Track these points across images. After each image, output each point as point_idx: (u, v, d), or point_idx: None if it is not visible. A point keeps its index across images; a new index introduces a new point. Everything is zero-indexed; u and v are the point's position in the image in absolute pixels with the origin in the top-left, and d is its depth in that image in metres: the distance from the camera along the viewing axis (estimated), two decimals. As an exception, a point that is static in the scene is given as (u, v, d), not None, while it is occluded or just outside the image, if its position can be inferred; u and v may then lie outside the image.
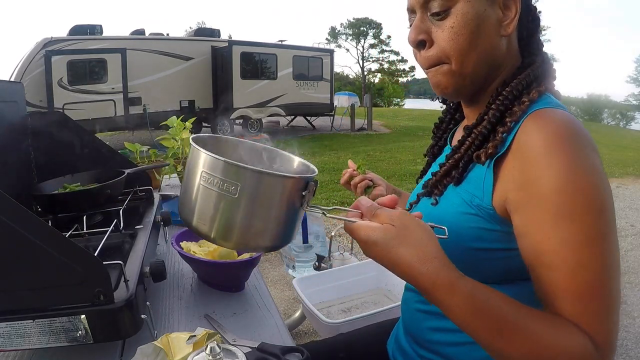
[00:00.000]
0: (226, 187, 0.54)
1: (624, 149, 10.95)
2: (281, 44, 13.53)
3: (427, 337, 0.76)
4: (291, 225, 0.61)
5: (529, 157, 0.58)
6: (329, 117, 14.34)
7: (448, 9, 0.63)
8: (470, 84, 0.68)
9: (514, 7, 0.64)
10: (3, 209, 0.58)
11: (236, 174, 0.54)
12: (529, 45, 0.69)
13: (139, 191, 1.20)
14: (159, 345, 0.60)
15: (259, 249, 0.65)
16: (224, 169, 0.54)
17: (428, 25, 0.66)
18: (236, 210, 0.56)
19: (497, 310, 0.54)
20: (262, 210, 0.57)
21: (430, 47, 0.67)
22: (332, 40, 40.56)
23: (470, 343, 0.69)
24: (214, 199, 0.56)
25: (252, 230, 0.58)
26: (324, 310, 1.53)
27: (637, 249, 3.66)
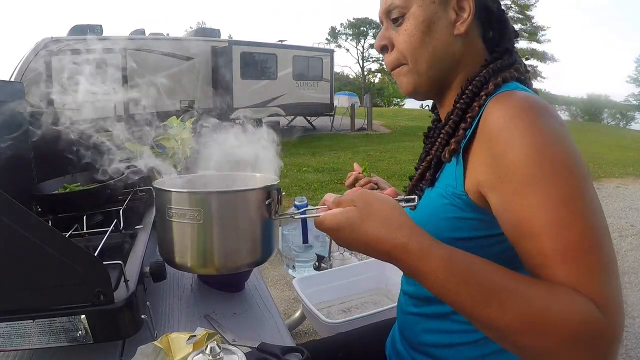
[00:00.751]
0: (190, 215, 0.56)
1: (624, 149, 10.96)
2: (281, 44, 13.53)
3: (420, 339, 0.76)
4: (266, 237, 0.61)
5: (492, 135, 0.59)
6: (329, 117, 14.34)
7: (403, 15, 0.70)
8: (428, 80, 0.72)
9: (467, 8, 0.68)
10: (3, 209, 0.58)
11: (196, 201, 0.56)
12: (498, 44, 0.72)
13: (139, 191, 1.20)
14: (159, 345, 0.60)
15: (242, 267, 0.65)
16: (184, 199, 0.57)
17: (390, 32, 0.73)
18: (206, 235, 0.57)
19: (480, 274, 0.51)
20: (230, 228, 0.58)
21: (391, 51, 0.73)
22: (332, 40, 40.57)
23: (463, 344, 0.69)
24: (184, 230, 0.58)
25: (227, 250, 0.58)
26: (324, 310, 1.53)
27: (637, 249, 3.66)
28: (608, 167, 7.82)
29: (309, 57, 13.42)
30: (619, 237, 3.96)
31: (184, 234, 0.58)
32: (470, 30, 0.69)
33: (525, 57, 31.30)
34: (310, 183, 6.04)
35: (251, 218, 0.59)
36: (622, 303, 0.50)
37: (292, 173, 6.88)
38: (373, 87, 40.46)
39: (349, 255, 1.79)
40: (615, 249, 0.54)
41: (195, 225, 0.56)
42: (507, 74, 0.67)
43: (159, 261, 0.77)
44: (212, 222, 0.56)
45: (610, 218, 4.57)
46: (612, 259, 0.52)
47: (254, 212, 0.58)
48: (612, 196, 5.58)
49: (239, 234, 0.59)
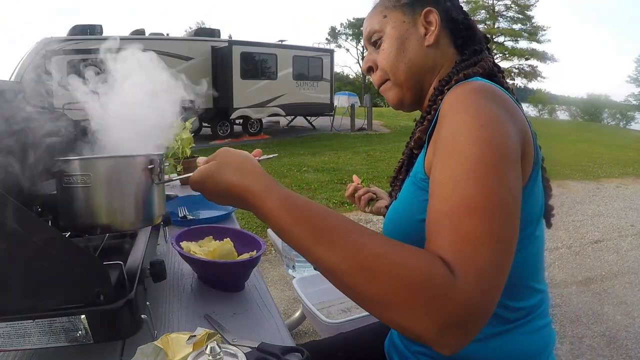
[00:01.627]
0: (82, 179, 0.66)
1: (624, 149, 10.96)
2: (281, 44, 13.54)
3: None
4: (150, 200, 0.70)
5: (440, 118, 0.64)
6: (329, 117, 14.35)
7: (381, 37, 0.80)
8: (408, 90, 0.80)
9: (434, 22, 0.77)
10: (3, 209, 0.58)
11: (86, 166, 0.66)
12: (466, 49, 0.79)
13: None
14: (159, 345, 0.60)
15: (129, 227, 0.72)
16: (78, 166, 0.66)
17: (373, 55, 0.83)
18: (96, 196, 0.67)
19: (315, 215, 0.54)
20: (116, 190, 0.67)
21: (375, 71, 0.83)
22: (332, 40, 40.56)
23: None
24: (77, 194, 0.67)
25: (114, 209, 0.68)
26: (324, 310, 1.53)
27: (637, 249, 3.66)
28: (608, 167, 7.83)
29: (309, 57, 13.43)
30: (619, 237, 3.96)
31: (78, 197, 0.67)
32: (440, 39, 0.78)
33: (525, 57, 31.34)
34: (310, 183, 6.04)
35: (135, 182, 0.68)
36: (493, 280, 0.48)
37: (292, 173, 6.88)
38: (373, 87, 40.40)
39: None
40: (615, 248, 0.54)
41: (86, 188, 0.66)
42: (469, 71, 0.73)
43: (159, 261, 0.77)
44: (100, 184, 0.66)
45: (610, 218, 4.57)
46: (500, 235, 0.50)
47: (137, 176, 0.68)
48: (612, 196, 5.59)
49: (124, 195, 0.68)
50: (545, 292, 0.75)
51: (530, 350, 0.71)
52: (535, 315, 0.72)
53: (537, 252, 0.71)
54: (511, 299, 0.68)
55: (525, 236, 0.66)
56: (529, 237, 0.68)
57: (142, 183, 0.68)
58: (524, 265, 0.68)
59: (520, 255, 0.65)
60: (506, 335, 0.69)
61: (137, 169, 0.68)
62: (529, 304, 0.71)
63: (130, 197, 0.68)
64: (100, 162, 0.67)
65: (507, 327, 0.69)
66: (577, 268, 3.25)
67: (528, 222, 0.67)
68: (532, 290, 0.71)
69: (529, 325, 0.71)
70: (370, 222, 4.29)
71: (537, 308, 0.72)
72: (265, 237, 2.84)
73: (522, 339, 0.70)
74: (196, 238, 1.05)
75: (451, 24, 0.79)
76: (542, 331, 0.72)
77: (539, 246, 0.71)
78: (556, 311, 2.58)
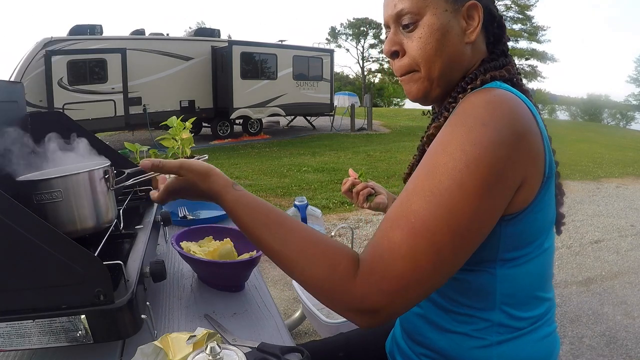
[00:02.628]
0: (55, 195, 0.75)
1: (624, 149, 10.96)
2: (281, 44, 13.53)
3: (421, 332, 0.77)
4: (108, 203, 0.83)
5: (447, 120, 0.62)
6: (329, 117, 14.34)
7: (417, 21, 0.69)
8: (438, 87, 0.73)
9: (477, 17, 0.69)
10: (3, 208, 0.58)
11: (55, 184, 0.75)
12: (495, 48, 0.75)
13: (139, 191, 1.20)
14: (159, 345, 0.60)
15: (96, 228, 0.81)
16: (49, 184, 0.75)
17: (400, 37, 0.72)
18: (67, 207, 0.76)
19: (261, 209, 0.64)
20: (82, 199, 0.78)
21: (402, 57, 0.73)
22: (332, 40, 40.54)
23: (464, 334, 0.70)
24: (53, 208, 0.75)
25: (85, 215, 0.79)
26: (324, 310, 1.53)
27: (637, 249, 3.66)
28: (608, 167, 7.82)
29: (309, 57, 13.41)
30: (619, 237, 3.96)
31: (50, 212, 0.75)
32: (477, 36, 0.71)
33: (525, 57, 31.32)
34: (310, 183, 6.04)
35: (96, 190, 0.80)
36: (399, 291, 0.53)
37: (292, 173, 6.88)
38: (373, 87, 40.45)
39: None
40: (615, 248, 0.55)
41: (57, 201, 0.75)
42: (496, 73, 0.69)
43: (159, 261, 0.77)
44: (69, 197, 0.76)
45: (610, 218, 4.57)
46: (428, 258, 0.53)
47: (96, 186, 0.80)
48: (612, 196, 5.59)
49: (89, 203, 0.79)
50: (551, 300, 0.74)
51: (535, 357, 0.71)
52: (541, 323, 0.71)
53: (545, 263, 0.69)
54: (517, 308, 0.68)
55: (533, 248, 0.66)
56: (537, 249, 0.67)
57: (100, 191, 0.81)
58: (531, 277, 0.68)
59: (527, 267, 0.66)
60: (512, 343, 0.69)
61: (93, 180, 0.79)
62: (535, 313, 0.70)
63: (94, 204, 0.80)
64: (69, 178, 0.77)
65: (514, 334, 0.69)
66: (577, 268, 3.25)
67: (537, 234, 0.66)
68: (539, 299, 0.71)
69: (535, 333, 0.70)
70: (370, 223, 4.29)
71: (544, 316, 0.72)
72: (265, 237, 2.84)
73: (527, 346, 0.69)
74: (196, 238, 1.05)
75: (489, 20, 0.72)
76: (548, 339, 0.72)
77: (548, 257, 0.70)
78: (556, 311, 2.58)
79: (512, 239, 0.63)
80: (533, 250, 0.66)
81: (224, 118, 11.72)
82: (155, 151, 1.93)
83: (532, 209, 0.62)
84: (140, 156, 1.85)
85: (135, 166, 1.22)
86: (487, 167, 0.54)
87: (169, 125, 1.90)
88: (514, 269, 0.65)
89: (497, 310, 0.67)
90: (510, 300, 0.67)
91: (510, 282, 0.66)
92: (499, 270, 0.65)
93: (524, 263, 0.65)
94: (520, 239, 0.64)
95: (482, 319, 0.68)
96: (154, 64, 10.55)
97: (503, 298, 0.67)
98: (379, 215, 4.52)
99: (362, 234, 3.95)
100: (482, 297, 0.67)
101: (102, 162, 0.87)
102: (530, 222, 0.62)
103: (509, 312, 0.67)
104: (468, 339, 0.70)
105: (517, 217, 0.61)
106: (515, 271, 0.65)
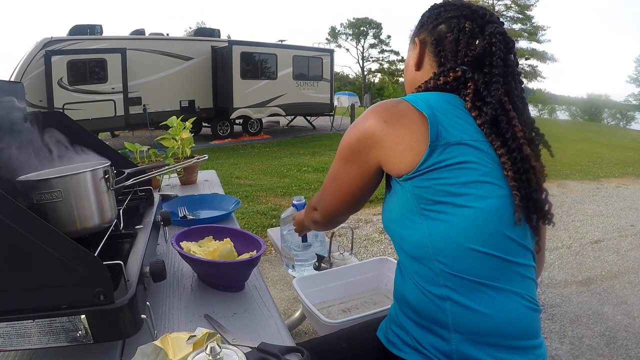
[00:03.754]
0: (55, 195, 0.75)
1: (624, 149, 10.96)
2: (281, 44, 13.52)
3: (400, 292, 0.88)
4: (108, 203, 0.84)
5: None
6: (329, 117, 14.34)
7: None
8: None
9: (417, 46, 0.92)
10: (3, 208, 0.58)
11: (55, 184, 0.75)
12: (447, 62, 0.89)
13: (139, 191, 1.20)
14: (159, 345, 0.60)
15: (96, 228, 0.83)
16: (49, 184, 0.75)
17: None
18: (67, 207, 0.77)
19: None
20: (82, 199, 0.79)
21: None
22: (332, 40, 40.54)
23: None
24: (53, 208, 0.76)
25: (85, 215, 0.79)
26: (324, 310, 1.53)
27: (637, 248, 3.66)
28: (608, 167, 7.82)
29: (309, 57, 13.41)
30: (619, 237, 3.96)
31: (50, 212, 0.75)
32: (424, 62, 0.92)
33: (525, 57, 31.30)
34: (310, 183, 6.04)
35: (96, 190, 0.80)
36: (329, 212, 0.96)
37: (292, 173, 6.88)
38: (373, 87, 40.45)
39: (349, 255, 1.78)
40: (615, 248, 0.55)
41: (57, 201, 0.75)
42: (421, 87, 0.89)
43: (159, 261, 0.77)
44: (69, 197, 0.76)
45: (610, 218, 4.57)
46: (326, 194, 0.94)
47: (97, 186, 0.80)
48: (612, 196, 5.59)
49: (90, 203, 0.80)
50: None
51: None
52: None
53: (473, 219, 0.77)
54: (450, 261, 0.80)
55: (449, 204, 0.76)
56: (453, 206, 0.76)
57: (100, 190, 0.81)
58: (457, 230, 0.80)
59: (450, 220, 0.78)
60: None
61: (93, 180, 0.80)
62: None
63: (93, 203, 0.80)
64: (69, 178, 0.77)
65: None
66: (577, 268, 3.25)
67: (449, 191, 0.75)
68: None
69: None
70: (370, 222, 4.30)
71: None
72: (265, 237, 2.84)
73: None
74: (196, 238, 1.05)
75: (437, 43, 0.88)
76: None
77: (475, 215, 0.77)
78: (556, 311, 2.58)
79: (423, 194, 0.76)
80: (450, 205, 0.75)
81: (224, 118, 11.72)
82: (155, 151, 1.93)
83: (424, 171, 0.75)
84: (140, 156, 1.85)
85: (135, 166, 1.23)
86: (342, 147, 0.86)
87: (169, 125, 1.90)
88: (436, 222, 0.76)
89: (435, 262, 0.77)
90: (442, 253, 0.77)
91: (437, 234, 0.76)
92: (425, 222, 0.77)
93: (445, 217, 0.76)
94: (430, 194, 0.75)
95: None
96: (154, 64, 10.55)
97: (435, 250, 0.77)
98: (378, 215, 4.52)
99: (362, 234, 3.95)
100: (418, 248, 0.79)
101: (102, 162, 0.87)
102: (434, 180, 0.75)
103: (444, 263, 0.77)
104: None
105: (415, 177, 0.75)
106: (438, 224, 0.76)
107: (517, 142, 0.78)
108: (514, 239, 0.77)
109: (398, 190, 0.80)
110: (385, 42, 42.05)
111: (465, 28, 0.84)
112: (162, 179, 1.89)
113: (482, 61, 0.82)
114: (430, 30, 0.89)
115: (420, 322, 0.81)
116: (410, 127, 0.76)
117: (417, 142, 0.75)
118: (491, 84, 0.80)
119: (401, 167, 0.77)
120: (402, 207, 0.80)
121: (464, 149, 0.75)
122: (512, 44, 0.83)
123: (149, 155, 1.89)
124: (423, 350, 0.79)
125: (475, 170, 0.75)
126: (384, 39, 42.02)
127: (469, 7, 0.86)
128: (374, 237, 3.90)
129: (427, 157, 0.74)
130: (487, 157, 0.76)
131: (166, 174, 1.92)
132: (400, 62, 42.26)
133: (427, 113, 0.75)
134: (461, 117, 0.78)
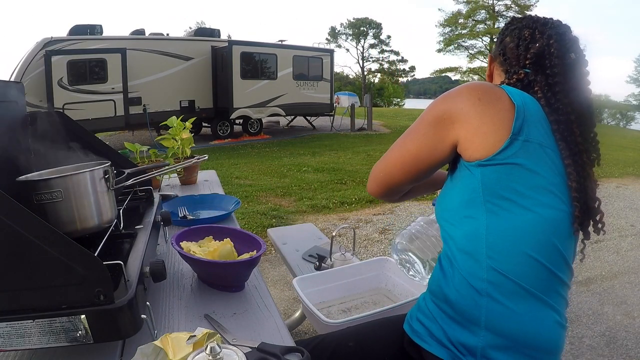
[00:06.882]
0: (55, 195, 0.75)
1: (624, 149, 10.95)
2: (281, 44, 13.52)
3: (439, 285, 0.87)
4: (108, 203, 0.84)
5: None
6: (329, 117, 14.34)
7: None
8: None
9: (489, 67, 1.02)
10: (3, 208, 0.58)
11: (55, 184, 0.76)
12: (511, 70, 0.94)
13: (139, 191, 1.20)
14: (159, 345, 0.60)
15: (96, 228, 0.82)
16: (49, 184, 0.76)
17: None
18: (67, 207, 0.77)
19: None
20: (82, 199, 0.79)
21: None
22: (332, 40, 40.55)
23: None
24: (53, 208, 0.76)
25: (85, 215, 0.79)
26: (324, 310, 1.53)
27: (637, 248, 3.66)
28: (608, 167, 7.82)
29: (309, 57, 13.41)
30: (619, 237, 3.96)
31: (50, 212, 0.75)
32: (494, 75, 0.99)
33: (525, 57, 31.25)
34: (310, 183, 6.04)
35: (96, 190, 0.80)
36: (378, 174, 0.96)
37: (292, 173, 6.88)
38: (373, 87, 40.45)
39: (349, 256, 1.78)
40: (615, 248, 0.56)
41: (58, 201, 0.76)
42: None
43: (159, 261, 0.77)
44: (69, 196, 0.77)
45: (610, 218, 4.57)
46: (387, 161, 0.96)
47: (96, 186, 0.81)
48: (612, 196, 5.58)
49: (90, 202, 0.80)
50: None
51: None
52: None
53: (534, 223, 0.77)
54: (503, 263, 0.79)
55: (513, 202, 0.77)
56: (518, 206, 0.77)
57: (101, 190, 0.81)
58: (515, 230, 0.79)
59: (511, 219, 0.78)
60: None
61: (93, 180, 0.80)
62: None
63: (93, 203, 0.80)
64: (69, 178, 0.77)
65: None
66: (577, 268, 3.25)
67: (515, 189, 0.76)
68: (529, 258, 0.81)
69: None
70: (370, 223, 4.30)
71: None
72: (265, 237, 2.84)
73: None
74: (196, 238, 1.05)
75: (504, 59, 0.93)
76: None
77: (539, 220, 0.77)
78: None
79: (492, 185, 0.76)
80: (514, 204, 0.76)
81: (224, 118, 11.72)
82: (155, 151, 1.93)
83: (499, 162, 0.75)
84: (140, 156, 1.85)
85: (135, 166, 1.23)
86: (428, 111, 0.85)
87: (169, 125, 1.90)
88: (497, 217, 0.76)
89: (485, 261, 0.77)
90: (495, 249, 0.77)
91: (494, 230, 0.76)
92: (485, 215, 0.77)
93: (506, 214, 0.76)
94: (498, 186, 0.76)
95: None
96: (154, 64, 10.54)
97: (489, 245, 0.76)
98: (378, 215, 4.53)
99: (363, 234, 3.95)
100: (471, 241, 0.79)
101: (102, 162, 0.87)
102: (506, 175, 0.75)
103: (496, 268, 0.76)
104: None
105: (488, 165, 0.75)
106: (498, 220, 0.76)
107: (578, 148, 0.80)
108: (562, 253, 0.79)
109: (465, 176, 0.80)
110: (385, 42, 42.07)
111: (524, 34, 0.89)
112: (162, 179, 1.89)
113: (542, 62, 0.84)
114: (498, 44, 0.95)
115: (451, 314, 0.81)
116: (499, 113, 0.76)
117: (501, 129, 0.75)
118: (554, 85, 0.82)
119: (478, 150, 0.76)
120: (464, 194, 0.79)
121: (539, 152, 0.76)
122: (570, 43, 0.85)
123: (149, 155, 1.89)
124: (447, 343, 0.80)
125: (545, 179, 0.77)
126: (384, 39, 42.06)
127: (532, 17, 0.91)
128: (374, 237, 3.90)
129: (506, 148, 0.74)
130: (554, 166, 0.78)
131: (166, 174, 1.92)
132: (400, 62, 42.30)
133: (517, 103, 0.76)
134: (541, 120, 0.79)
